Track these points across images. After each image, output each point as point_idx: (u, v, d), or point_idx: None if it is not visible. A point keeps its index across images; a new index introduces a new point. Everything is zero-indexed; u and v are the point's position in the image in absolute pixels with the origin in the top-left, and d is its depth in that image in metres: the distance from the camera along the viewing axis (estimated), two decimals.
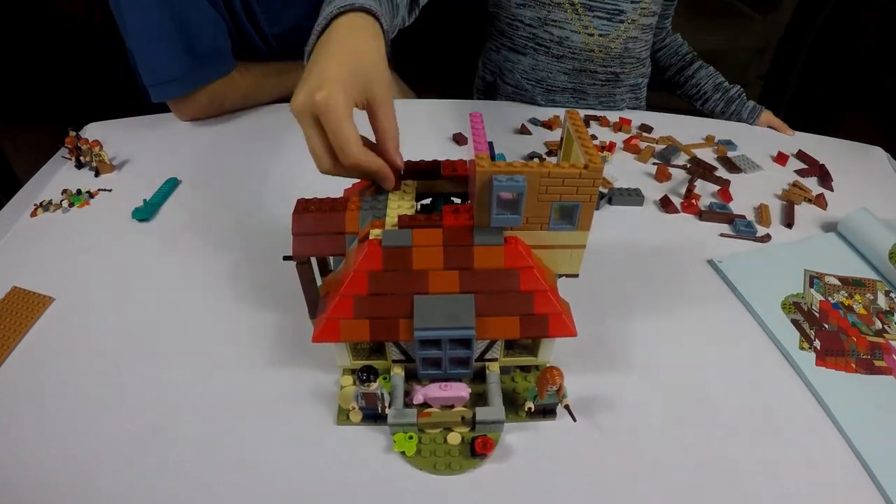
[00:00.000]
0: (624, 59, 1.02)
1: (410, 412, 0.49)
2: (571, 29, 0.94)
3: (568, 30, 0.95)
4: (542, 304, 0.47)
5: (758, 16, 1.88)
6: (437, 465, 0.48)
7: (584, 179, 0.44)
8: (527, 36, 0.99)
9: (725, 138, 1.00)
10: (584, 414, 0.52)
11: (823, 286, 0.68)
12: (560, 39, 0.96)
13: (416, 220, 0.47)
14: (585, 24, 0.93)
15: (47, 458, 0.48)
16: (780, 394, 0.56)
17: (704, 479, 0.48)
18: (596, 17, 0.94)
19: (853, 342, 0.61)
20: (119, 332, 0.60)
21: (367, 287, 0.47)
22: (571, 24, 0.94)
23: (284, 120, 0.99)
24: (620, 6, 0.95)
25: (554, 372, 0.47)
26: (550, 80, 1.03)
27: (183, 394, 0.54)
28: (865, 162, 0.97)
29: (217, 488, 0.47)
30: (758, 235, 0.76)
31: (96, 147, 0.84)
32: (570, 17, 0.93)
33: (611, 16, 0.95)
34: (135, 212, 0.75)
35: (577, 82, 1.04)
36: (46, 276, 0.66)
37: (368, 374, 0.46)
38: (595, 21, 0.94)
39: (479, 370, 0.53)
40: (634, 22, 0.96)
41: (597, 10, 0.94)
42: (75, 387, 0.54)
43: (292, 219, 0.50)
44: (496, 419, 0.49)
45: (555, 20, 0.94)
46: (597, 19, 0.94)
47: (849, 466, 0.50)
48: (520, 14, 0.97)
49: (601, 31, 0.95)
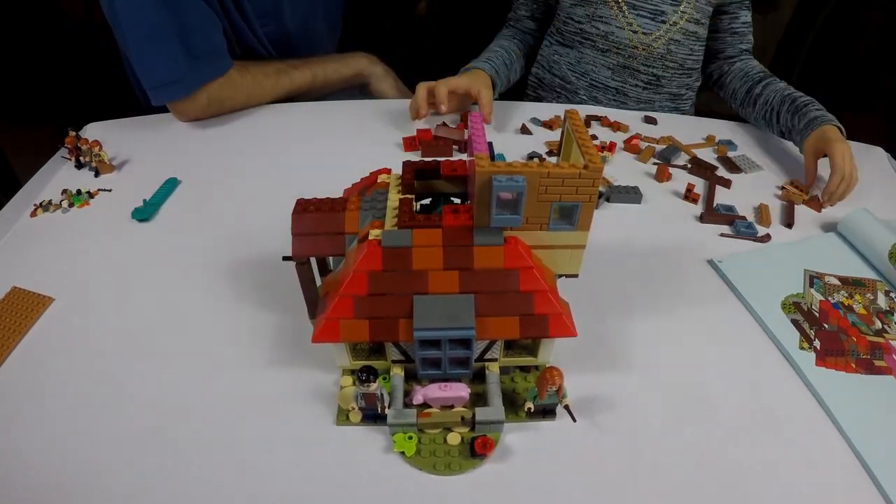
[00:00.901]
0: (666, 61, 1.04)
1: (410, 412, 0.49)
2: (616, 25, 1.01)
3: (613, 25, 1.01)
4: (542, 305, 0.47)
5: (758, 16, 1.87)
6: (436, 466, 0.48)
7: (583, 179, 0.43)
8: (575, 31, 1.06)
9: (726, 138, 1.00)
10: (583, 414, 0.52)
11: (823, 286, 0.68)
12: (605, 34, 1.03)
13: (415, 221, 0.47)
14: (630, 21, 1.00)
15: (47, 458, 0.48)
16: (780, 394, 0.56)
17: (704, 479, 0.48)
18: (639, 16, 1.00)
19: (853, 342, 0.61)
20: (119, 333, 0.60)
21: (366, 287, 0.47)
22: (617, 20, 1.00)
23: (284, 120, 1.00)
24: (661, 7, 1.00)
25: (553, 372, 0.47)
26: (594, 73, 1.08)
27: (183, 394, 0.54)
28: (865, 162, 0.97)
29: (217, 488, 0.47)
30: (758, 235, 0.76)
31: (96, 147, 0.84)
32: (615, 13, 1.00)
33: (653, 15, 1.00)
34: (134, 212, 0.75)
35: (621, 81, 1.07)
36: (46, 277, 0.66)
37: (368, 375, 0.46)
38: (639, 19, 1.00)
39: (479, 370, 0.53)
40: (676, 24, 1.00)
41: (640, 9, 1.00)
42: (75, 387, 0.54)
43: (292, 219, 0.50)
44: (496, 419, 0.49)
45: (601, 16, 1.01)
46: (640, 17, 1.00)
47: (849, 466, 0.50)
48: (573, 12, 1.05)
49: (644, 30, 1.00)
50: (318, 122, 0.99)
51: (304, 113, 1.02)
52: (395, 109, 1.02)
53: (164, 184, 0.82)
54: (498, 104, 1.10)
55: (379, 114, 1.01)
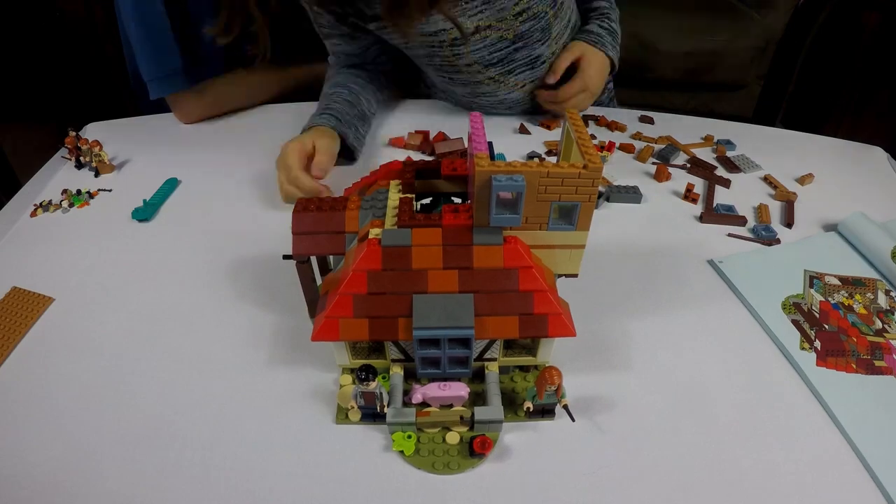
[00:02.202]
0: None
1: (409, 411, 0.49)
2: (504, 93, 0.96)
3: (501, 94, 0.96)
4: (541, 304, 0.47)
5: (758, 16, 1.88)
6: (435, 465, 0.48)
7: (583, 179, 0.44)
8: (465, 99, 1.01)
9: (724, 138, 1.00)
10: (583, 414, 0.52)
11: (823, 286, 0.68)
12: (499, 101, 0.98)
13: (415, 220, 0.47)
14: (514, 83, 0.94)
15: (47, 458, 0.48)
16: (780, 394, 0.56)
17: (704, 479, 0.48)
18: (519, 74, 0.93)
19: (853, 342, 0.61)
20: (119, 333, 0.60)
21: (366, 286, 0.47)
22: (501, 90, 0.95)
23: (284, 120, 1.00)
24: (535, 53, 0.91)
25: (553, 372, 0.47)
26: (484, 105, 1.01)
27: (182, 393, 0.54)
28: (865, 162, 0.97)
29: (216, 485, 0.47)
30: (775, 238, 0.76)
31: (96, 147, 0.84)
32: (496, 88, 0.94)
33: (532, 63, 0.92)
34: (134, 212, 0.75)
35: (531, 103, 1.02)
36: (46, 277, 0.66)
37: (367, 374, 0.46)
38: (521, 76, 0.93)
39: (479, 370, 0.53)
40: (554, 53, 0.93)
41: (516, 72, 0.92)
42: (75, 387, 0.54)
43: (292, 218, 0.50)
44: (495, 419, 0.49)
45: (484, 92, 0.96)
46: (521, 75, 0.93)
47: (850, 466, 0.50)
48: (451, 89, 0.99)
49: (530, 79, 0.95)
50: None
51: (304, 112, 1.02)
52: (395, 109, 1.02)
53: (164, 184, 0.82)
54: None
55: (379, 113, 1.01)
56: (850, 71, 1.71)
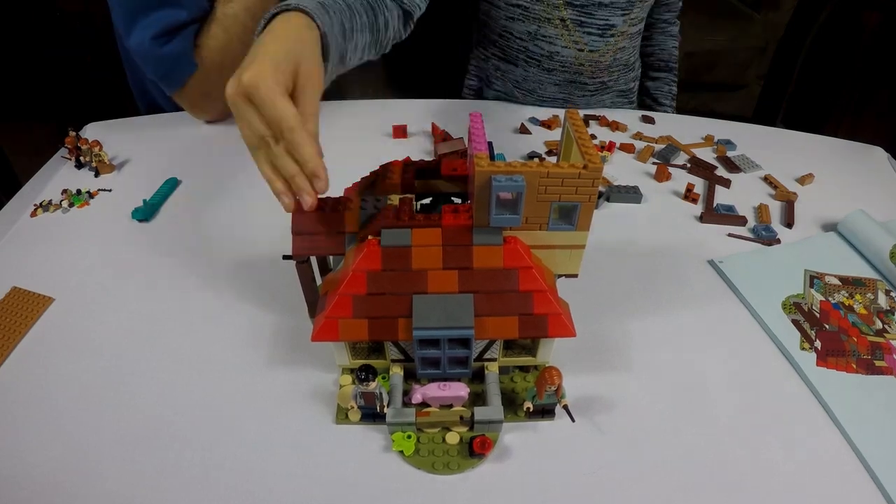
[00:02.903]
0: (612, 68, 1.02)
1: (409, 411, 0.49)
2: (562, 45, 0.93)
3: (559, 45, 0.94)
4: (541, 305, 0.47)
5: (758, 16, 1.88)
6: (435, 465, 0.48)
7: (583, 179, 0.43)
8: (518, 48, 0.98)
9: (725, 138, 1.00)
10: (583, 414, 0.52)
11: (824, 286, 0.68)
12: (550, 54, 0.96)
13: (415, 220, 0.47)
14: (576, 40, 0.92)
15: (47, 458, 0.48)
16: (781, 394, 0.56)
17: (704, 480, 0.48)
18: (587, 34, 0.92)
19: (854, 342, 0.61)
20: (118, 333, 0.60)
21: (366, 286, 0.47)
22: (562, 40, 0.92)
23: None
24: (611, 21, 0.92)
25: (552, 372, 0.47)
26: (541, 90, 1.04)
27: (182, 393, 0.54)
28: (865, 162, 0.97)
29: (216, 486, 0.47)
30: (775, 238, 0.76)
31: (96, 147, 0.84)
32: (560, 33, 0.91)
33: (602, 31, 0.93)
34: (134, 212, 0.75)
35: (567, 93, 1.04)
36: (46, 277, 0.66)
37: (367, 374, 0.46)
38: (586, 37, 0.93)
39: (478, 370, 0.53)
40: (624, 33, 0.95)
41: (588, 27, 0.92)
42: (75, 387, 0.54)
43: (292, 218, 0.50)
44: (494, 419, 0.49)
45: (545, 35, 0.93)
46: (587, 35, 0.92)
47: (850, 466, 0.50)
48: (510, 27, 0.96)
49: (591, 47, 0.94)
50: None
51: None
52: (395, 108, 1.02)
53: (164, 184, 0.82)
54: (499, 104, 1.10)
55: (378, 112, 1.01)
56: (851, 71, 1.71)
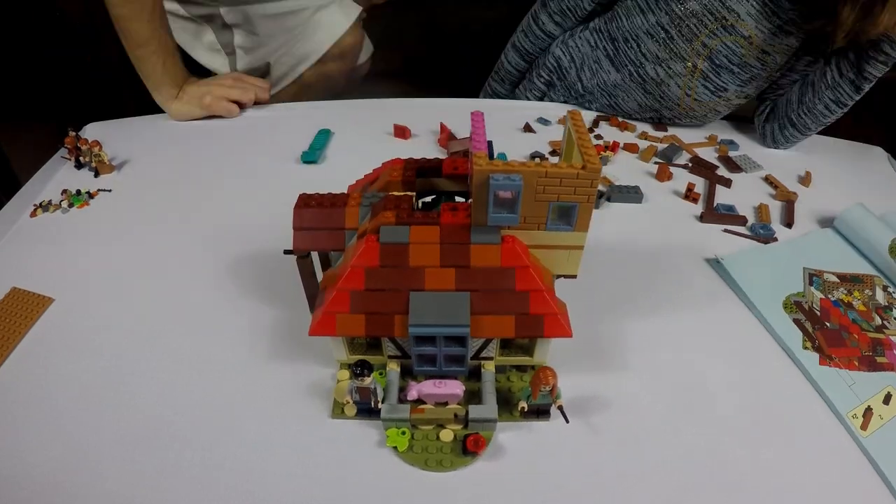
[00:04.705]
0: (690, 116, 1.00)
1: (404, 408, 0.49)
2: (676, 83, 0.92)
3: (673, 82, 0.92)
4: (538, 305, 0.47)
5: None
6: (428, 462, 0.48)
7: (581, 180, 0.43)
8: (632, 60, 0.95)
9: (727, 138, 1.00)
10: (578, 415, 0.52)
11: (823, 284, 0.68)
12: (659, 82, 0.94)
13: (413, 217, 0.47)
14: (691, 86, 0.91)
15: (47, 458, 0.48)
16: (783, 394, 0.56)
17: (704, 480, 0.48)
18: (703, 86, 0.91)
19: (855, 339, 0.61)
20: (118, 333, 0.60)
21: (363, 282, 0.47)
22: (680, 79, 0.91)
23: (284, 118, 1.00)
24: (727, 86, 0.91)
25: (547, 372, 0.47)
26: (622, 100, 1.01)
27: (182, 390, 0.54)
28: (865, 162, 0.97)
29: (216, 485, 0.47)
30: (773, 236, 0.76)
31: (96, 147, 0.84)
32: (683, 75, 0.90)
33: (716, 89, 0.92)
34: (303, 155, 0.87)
35: (639, 114, 1.02)
36: (46, 277, 0.66)
37: (363, 369, 0.46)
38: (700, 87, 0.92)
39: (475, 368, 0.53)
40: (728, 101, 0.95)
41: (709, 81, 0.91)
42: (75, 387, 0.54)
43: (293, 213, 0.50)
44: (489, 418, 0.49)
45: (670, 68, 0.91)
46: (702, 87, 0.92)
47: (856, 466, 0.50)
48: (642, 40, 0.92)
49: (697, 97, 0.93)
50: (319, 120, 0.99)
51: (304, 111, 1.03)
52: (393, 107, 1.02)
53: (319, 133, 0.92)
54: (501, 103, 1.10)
55: (378, 111, 1.01)
56: None
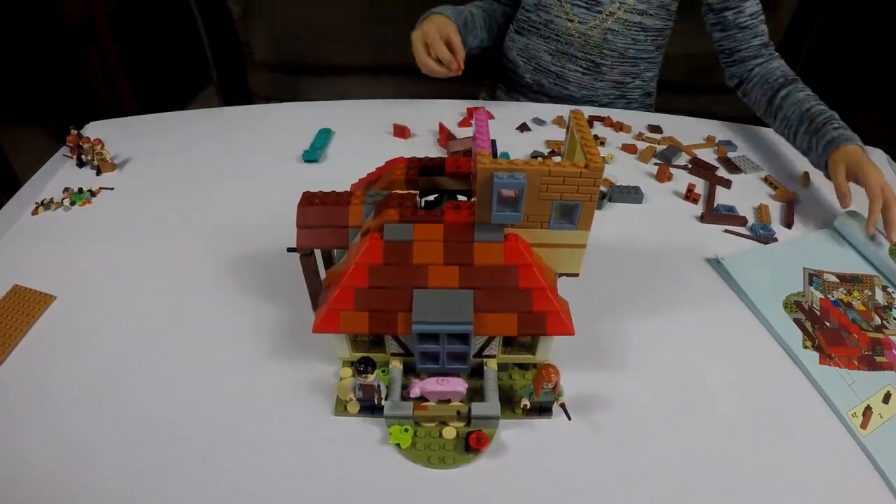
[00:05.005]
0: (603, 49, 1.07)
1: (406, 405, 0.49)
2: (555, 14, 1.07)
3: (552, 14, 1.07)
4: (541, 302, 0.47)
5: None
6: (430, 459, 0.48)
7: (584, 178, 0.44)
8: (524, 19, 1.13)
9: (726, 139, 1.00)
10: (580, 413, 0.52)
11: (822, 283, 0.68)
12: (546, 22, 1.09)
13: (417, 215, 0.48)
14: (566, 10, 1.05)
15: (47, 458, 0.48)
16: (783, 393, 0.56)
17: (704, 479, 0.48)
18: (575, 6, 1.05)
19: (854, 339, 0.61)
20: (120, 330, 0.60)
21: (367, 280, 0.47)
22: (555, 10, 1.06)
23: (285, 117, 1.00)
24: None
25: (549, 370, 0.47)
26: (538, 58, 1.13)
27: (183, 390, 0.54)
28: None
29: (216, 485, 0.47)
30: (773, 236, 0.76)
31: (98, 145, 0.84)
32: (553, 3, 1.06)
33: (589, 6, 1.04)
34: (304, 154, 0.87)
35: (560, 66, 1.11)
36: (48, 275, 0.66)
37: (366, 366, 0.46)
38: (574, 9, 1.05)
39: (478, 366, 0.53)
40: (613, 15, 1.03)
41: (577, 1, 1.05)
42: (76, 385, 0.54)
43: (297, 211, 0.50)
44: (491, 415, 0.49)
45: (544, 5, 1.08)
46: (576, 7, 1.05)
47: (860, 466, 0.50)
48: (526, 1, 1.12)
49: (580, 19, 1.05)
50: (319, 120, 0.99)
51: (305, 110, 1.03)
52: (393, 107, 1.02)
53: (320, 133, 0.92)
54: (502, 103, 1.11)
55: (378, 111, 1.01)
56: (851, 71, 1.71)
